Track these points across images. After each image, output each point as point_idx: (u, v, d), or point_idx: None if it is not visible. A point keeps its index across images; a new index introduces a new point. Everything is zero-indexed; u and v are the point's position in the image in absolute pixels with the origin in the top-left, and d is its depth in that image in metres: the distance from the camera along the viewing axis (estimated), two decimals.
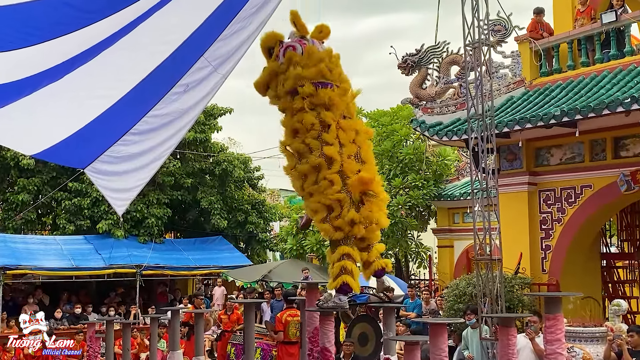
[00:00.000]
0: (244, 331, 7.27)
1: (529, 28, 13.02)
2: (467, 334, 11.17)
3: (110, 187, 7.95)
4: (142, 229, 22.00)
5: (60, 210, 21.63)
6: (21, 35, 6.04)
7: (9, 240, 19.97)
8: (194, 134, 22.98)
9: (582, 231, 12.27)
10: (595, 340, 9.97)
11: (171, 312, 8.70)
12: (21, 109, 6.51)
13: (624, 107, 10.08)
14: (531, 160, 12.80)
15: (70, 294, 20.79)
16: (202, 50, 6.92)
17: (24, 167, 20.64)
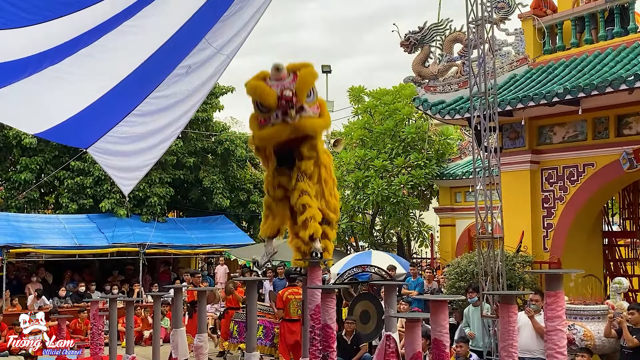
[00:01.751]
0: (246, 309, 7.32)
1: (532, 5, 12.96)
2: (469, 311, 11.25)
3: (116, 166, 7.99)
4: (144, 207, 22.04)
5: (63, 189, 21.68)
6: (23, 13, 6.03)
7: (12, 219, 20.05)
8: (196, 113, 22.89)
9: (584, 210, 12.28)
10: (596, 317, 10.03)
11: (174, 290, 8.74)
12: (24, 89, 6.53)
13: (627, 85, 10.06)
14: (534, 138, 12.79)
15: (73, 272, 20.89)
16: (203, 32, 6.94)
17: (26, 146, 20.66)
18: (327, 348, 6.11)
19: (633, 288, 13.24)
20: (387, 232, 24.37)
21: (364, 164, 21.57)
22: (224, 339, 15.01)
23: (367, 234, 23.57)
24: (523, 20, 12.98)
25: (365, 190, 21.04)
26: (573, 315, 9.98)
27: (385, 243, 24.19)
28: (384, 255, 18.07)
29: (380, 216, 23.43)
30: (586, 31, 12.21)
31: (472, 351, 10.37)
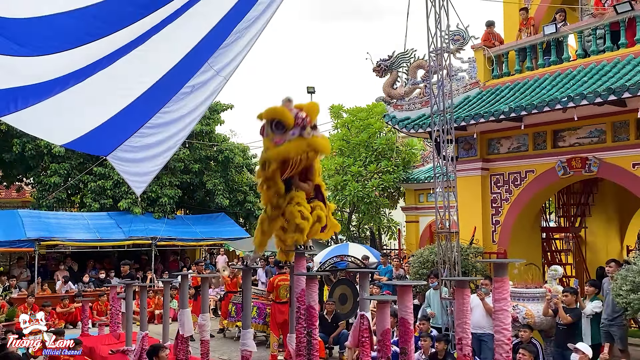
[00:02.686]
0: (243, 292, 7.27)
1: (482, 38, 13.01)
2: (430, 294, 11.27)
3: (129, 171, 7.94)
4: (156, 206, 22.02)
5: (87, 190, 21.64)
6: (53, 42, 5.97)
7: (43, 216, 20.02)
8: (201, 126, 22.98)
9: (526, 209, 12.31)
10: (536, 299, 10.06)
11: (181, 276, 8.68)
12: (52, 105, 6.47)
13: (561, 105, 10.12)
14: (484, 149, 12.82)
15: (95, 261, 20.89)
16: (206, 58, 6.89)
17: (56, 154, 20.67)
18: (311, 325, 6.09)
19: (566, 274, 13.32)
20: (361, 227, 24.41)
21: (342, 170, 21.64)
22: (224, 318, 14.96)
23: (345, 229, 23.60)
24: (475, 50, 13.03)
25: (343, 192, 21.08)
26: (517, 297, 10.00)
27: (360, 236, 24.24)
28: (359, 247, 18.12)
29: (356, 214, 23.47)
30: (527, 60, 12.25)
31: (432, 328, 10.36)
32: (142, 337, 8.70)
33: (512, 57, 12.66)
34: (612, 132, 10.78)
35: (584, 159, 11.02)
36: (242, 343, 6.89)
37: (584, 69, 10.93)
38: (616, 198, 14.27)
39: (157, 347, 7.46)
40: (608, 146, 10.79)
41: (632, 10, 10.41)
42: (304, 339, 6.12)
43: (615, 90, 9.38)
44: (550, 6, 12.43)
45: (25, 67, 5.97)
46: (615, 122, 10.69)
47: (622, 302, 8.87)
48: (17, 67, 5.93)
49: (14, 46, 5.74)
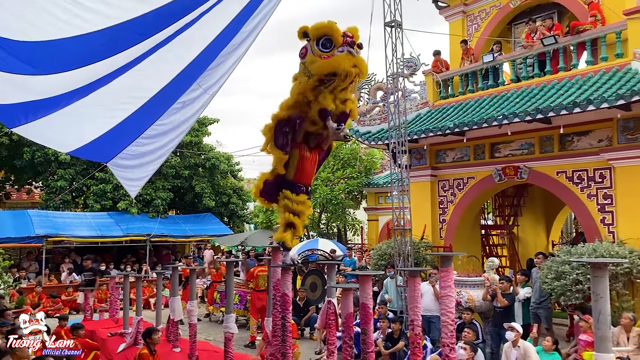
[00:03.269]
0: (226, 281, 7.20)
1: (432, 65, 13.14)
2: (387, 282, 11.30)
3: (126, 176, 7.83)
4: (151, 207, 21.74)
5: (89, 193, 21.34)
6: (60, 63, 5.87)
7: (50, 215, 19.67)
8: (190, 137, 22.79)
9: (467, 209, 12.44)
10: (476, 286, 10.16)
11: (172, 268, 8.59)
12: (59, 118, 6.36)
13: (498, 122, 10.24)
14: (433, 159, 12.92)
15: (96, 255, 20.51)
16: (195, 77, 6.83)
17: (62, 161, 20.34)
18: (285, 310, 6.05)
19: (502, 265, 13.48)
20: (330, 225, 24.39)
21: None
22: (210, 304, 14.80)
23: (316, 226, 23.57)
24: (426, 75, 13.14)
25: (314, 195, 21.05)
26: (460, 285, 10.08)
27: (328, 233, 24.20)
28: (328, 242, 18.12)
29: (325, 213, 23.45)
30: (469, 84, 12.38)
31: (389, 311, 10.41)
32: (137, 321, 8.56)
33: (456, 81, 12.79)
34: (539, 145, 10.94)
35: (516, 167, 11.17)
36: (225, 326, 6.82)
37: (517, 91, 11.07)
38: (543, 200, 14.47)
39: (151, 330, 7.34)
40: (536, 157, 10.95)
41: (556, 43, 10.63)
42: (279, 322, 6.09)
43: (542, 110, 9.53)
44: (489, 38, 12.63)
45: (35, 85, 5.87)
46: (542, 137, 10.85)
47: (547, 288, 9.04)
48: (28, 84, 5.82)
49: (26, 67, 5.64)
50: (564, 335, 10.31)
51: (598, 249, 8.74)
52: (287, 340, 5.99)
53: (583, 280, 8.37)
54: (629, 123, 9.44)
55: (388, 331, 9.21)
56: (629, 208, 9.40)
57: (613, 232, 9.57)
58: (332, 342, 5.82)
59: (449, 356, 4.51)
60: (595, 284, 3.58)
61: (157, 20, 5.90)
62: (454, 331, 4.74)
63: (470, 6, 13.29)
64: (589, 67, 10.20)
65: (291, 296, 6.31)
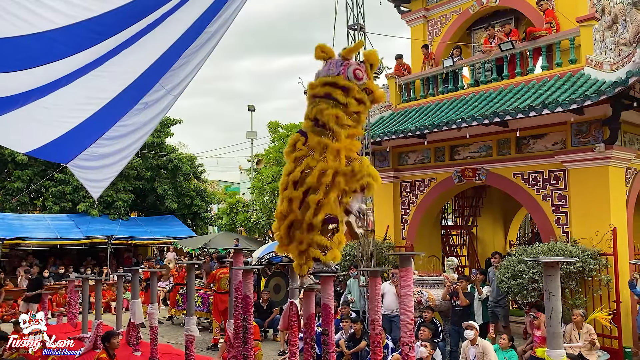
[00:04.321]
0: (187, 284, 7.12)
1: (394, 68, 13.28)
2: (350, 282, 11.36)
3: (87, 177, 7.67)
4: (112, 209, 21.32)
5: (48, 194, 20.80)
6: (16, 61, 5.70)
7: (6, 217, 19.07)
8: (152, 138, 22.47)
9: (428, 210, 12.59)
10: (437, 285, 10.30)
11: (132, 271, 8.43)
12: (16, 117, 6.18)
13: (457, 125, 10.41)
14: (395, 161, 13.04)
15: (55, 258, 20.01)
16: (158, 78, 6.74)
17: (19, 162, 19.79)
18: (247, 312, 6.03)
19: (461, 264, 13.73)
20: None
21: (279, 177, 21.55)
22: (172, 307, 14.60)
23: None
24: (388, 78, 13.27)
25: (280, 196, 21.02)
26: (421, 284, 10.21)
27: None
28: None
29: None
30: (430, 87, 12.55)
31: (352, 311, 10.48)
32: (97, 325, 8.36)
33: (418, 85, 12.95)
34: (497, 148, 11.17)
35: (475, 169, 11.36)
36: (186, 329, 6.74)
37: (475, 95, 11.28)
38: (501, 201, 14.76)
39: (110, 334, 7.19)
40: (494, 159, 11.17)
41: (513, 48, 10.90)
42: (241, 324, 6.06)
43: (499, 114, 9.74)
44: (449, 43, 12.86)
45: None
46: (500, 140, 11.09)
47: (504, 287, 9.25)
48: None
49: None
50: (521, 333, 10.57)
51: (553, 248, 9.00)
52: (249, 342, 5.97)
53: (538, 279, 8.61)
54: (582, 127, 9.76)
55: (350, 331, 9.27)
56: (581, 209, 9.72)
57: (567, 232, 9.88)
58: (294, 343, 5.83)
59: (408, 355, 4.58)
60: (548, 282, 3.69)
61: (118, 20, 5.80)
62: (413, 330, 4.81)
63: (431, 11, 13.50)
64: (544, 72, 10.50)
65: (254, 298, 6.30)
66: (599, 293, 9.02)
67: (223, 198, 28.90)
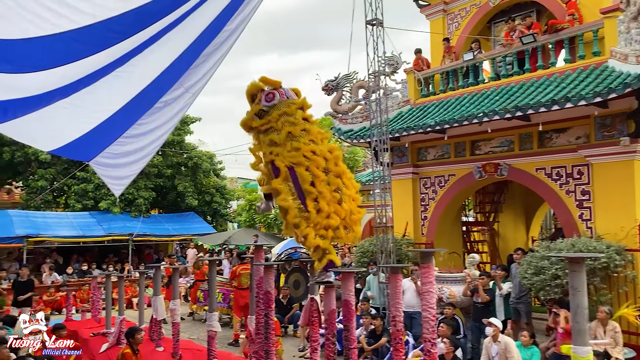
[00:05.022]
0: (208, 280, 7.19)
1: (413, 63, 13.19)
2: (370, 279, 11.37)
3: (109, 175, 7.77)
4: (133, 206, 21.57)
5: (71, 193, 21.15)
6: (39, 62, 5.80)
7: (31, 215, 19.45)
8: (172, 136, 22.68)
9: (449, 206, 12.52)
10: (457, 282, 10.27)
11: (154, 267, 8.53)
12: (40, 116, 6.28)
13: (478, 120, 10.34)
14: (414, 156, 12.99)
15: (78, 255, 20.34)
16: (178, 77, 6.80)
17: (43, 161, 20.14)
18: (268, 308, 6.07)
19: (482, 261, 13.62)
20: None
21: None
22: (193, 303, 14.74)
23: None
24: (407, 73, 13.19)
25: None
26: (442, 281, 10.18)
27: None
28: None
29: None
30: (450, 82, 12.46)
31: (372, 307, 10.48)
32: (120, 320, 8.50)
33: (437, 79, 12.86)
34: (519, 142, 11.06)
35: (496, 164, 11.27)
36: (208, 324, 6.81)
37: (496, 89, 11.16)
38: (523, 197, 14.60)
39: (134, 329, 7.29)
40: (516, 154, 11.07)
41: (535, 41, 10.75)
42: (262, 319, 6.09)
43: (521, 108, 9.65)
44: (469, 37, 12.73)
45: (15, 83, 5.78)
46: (522, 134, 10.98)
47: (527, 283, 9.16)
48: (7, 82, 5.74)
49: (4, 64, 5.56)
50: (544, 330, 10.46)
51: (576, 244, 8.88)
52: (270, 337, 6.00)
53: (562, 275, 8.51)
54: (606, 120, 9.60)
55: (371, 327, 9.27)
56: (606, 204, 9.56)
57: (591, 228, 9.73)
58: (315, 339, 5.85)
59: (430, 351, 4.56)
60: (573, 278, 3.65)
61: (139, 20, 5.86)
62: (435, 327, 4.79)
63: (451, 5, 13.37)
64: (567, 65, 10.34)
65: (274, 294, 6.32)
66: (624, 289, 8.87)
67: (242, 195, 29.09)
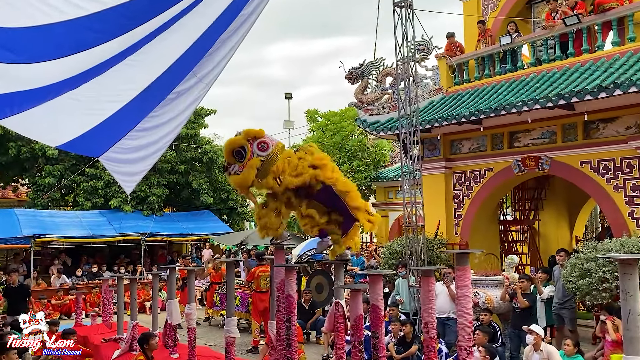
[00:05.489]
0: (226, 283, 7.23)
1: (445, 48, 13.09)
2: (399, 282, 11.32)
3: (120, 171, 7.84)
4: (145, 204, 21.78)
5: (80, 190, 21.37)
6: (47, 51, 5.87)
7: (38, 214, 19.71)
8: (186, 130, 22.83)
9: (485, 203, 12.43)
10: (495, 286, 10.17)
11: (169, 269, 8.61)
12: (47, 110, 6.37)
13: (517, 109, 10.24)
14: (447, 149, 12.92)
15: (88, 256, 20.63)
16: (191, 66, 6.84)
17: (50, 156, 20.39)
18: (290, 313, 6.07)
19: (522, 263, 13.48)
20: None
21: None
22: (209, 307, 14.86)
23: None
24: (439, 59, 13.11)
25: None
26: (477, 284, 10.10)
27: None
28: None
29: None
30: (486, 68, 12.37)
31: (401, 313, 10.44)
32: (132, 326, 8.60)
33: (472, 65, 12.77)
34: (562, 133, 10.93)
35: (537, 157, 11.15)
36: (226, 330, 6.85)
37: (537, 76, 11.06)
38: (566, 193, 14.45)
39: (148, 335, 7.38)
40: (558, 146, 10.94)
41: (579, 23, 10.57)
42: (284, 325, 6.10)
43: (564, 95, 9.52)
44: (506, 19, 12.58)
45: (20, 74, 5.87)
46: (565, 124, 10.85)
47: (571, 287, 9.02)
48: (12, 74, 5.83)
49: (8, 54, 5.64)
50: (589, 338, 10.30)
51: (626, 244, 8.71)
52: (292, 344, 6.01)
53: (610, 279, 8.35)
54: None
55: (400, 334, 9.23)
56: None
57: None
58: (340, 346, 5.84)
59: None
60: (625, 281, 3.58)
61: (151, 5, 5.91)
62: (471, 334, 4.74)
63: None
64: (615, 49, 10.16)
65: (296, 298, 6.33)
66: None
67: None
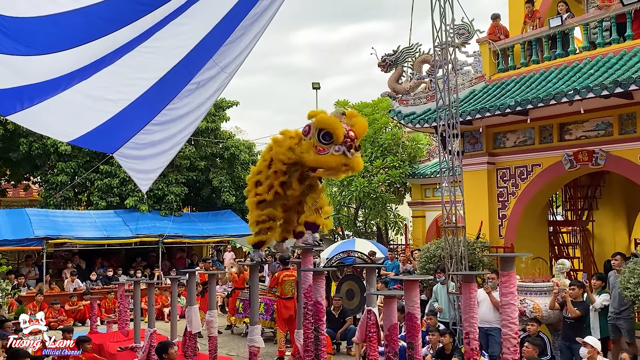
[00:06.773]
0: (250, 288, 7.28)
1: (488, 31, 12.96)
2: (437, 289, 11.26)
3: (135, 168, 7.95)
4: (163, 204, 22.01)
5: (94, 189, 21.66)
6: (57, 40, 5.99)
7: (50, 214, 19.98)
8: (206, 123, 22.95)
9: (532, 202, 12.28)
10: (543, 293, 10.05)
11: (188, 273, 8.70)
12: (58, 103, 6.49)
13: (568, 98, 10.10)
14: (490, 143, 12.80)
15: (103, 259, 20.88)
16: (211, 54, 6.88)
17: (62, 153, 20.63)
18: (318, 321, 6.10)
19: (574, 268, 13.29)
20: (368, 222, 24.37)
21: None
22: (231, 314, 14.99)
23: (352, 224, 23.60)
24: (480, 44, 12.99)
25: (349, 187, 21.09)
26: (524, 291, 9.99)
27: (366, 232, 24.20)
28: (366, 242, 18.10)
29: (362, 209, 23.46)
30: (533, 53, 12.22)
31: (440, 322, 10.37)
32: (150, 334, 8.73)
33: (517, 50, 12.63)
34: (618, 125, 10.75)
35: (591, 152, 10.99)
36: (250, 339, 6.91)
37: (590, 61, 10.89)
38: (623, 191, 14.21)
39: (166, 344, 7.47)
40: (615, 139, 10.76)
41: (638, 2, 10.36)
42: (312, 334, 6.13)
43: (622, 83, 9.35)
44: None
45: (30, 66, 6.00)
46: (622, 115, 10.67)
47: (629, 295, 8.84)
48: (22, 66, 5.95)
49: (18, 46, 5.77)
50: None
51: None
52: (321, 355, 6.03)
53: None
54: None
55: (439, 346, 9.18)
56: None
57: None
58: (373, 357, 5.84)
59: None
60: None
61: None
62: (517, 346, 4.69)
63: None
64: None
65: (325, 305, 6.36)
66: None
67: None
